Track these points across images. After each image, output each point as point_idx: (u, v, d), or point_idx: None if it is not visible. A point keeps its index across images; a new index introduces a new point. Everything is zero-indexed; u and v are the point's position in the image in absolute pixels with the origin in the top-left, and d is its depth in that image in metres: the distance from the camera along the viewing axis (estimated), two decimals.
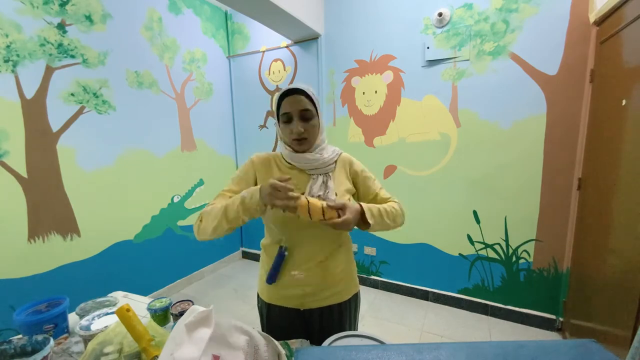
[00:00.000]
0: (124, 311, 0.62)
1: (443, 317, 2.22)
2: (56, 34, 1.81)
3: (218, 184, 3.07)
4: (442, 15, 2.07)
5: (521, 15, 1.89)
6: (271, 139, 3.04)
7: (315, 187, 0.89)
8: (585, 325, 1.67)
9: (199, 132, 2.83)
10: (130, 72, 2.22)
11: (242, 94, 3.13)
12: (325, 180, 0.91)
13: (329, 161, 0.93)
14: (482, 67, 2.04)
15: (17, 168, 1.69)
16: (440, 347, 0.41)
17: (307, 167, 0.92)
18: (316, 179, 0.91)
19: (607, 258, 1.46)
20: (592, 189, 1.69)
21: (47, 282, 1.81)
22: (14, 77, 1.66)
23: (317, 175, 0.92)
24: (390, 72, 2.34)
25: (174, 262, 2.65)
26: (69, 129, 1.90)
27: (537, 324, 2.07)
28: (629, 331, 1.18)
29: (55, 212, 1.85)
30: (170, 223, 2.60)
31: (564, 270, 1.97)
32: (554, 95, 1.87)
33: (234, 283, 2.84)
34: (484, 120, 2.08)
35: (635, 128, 1.28)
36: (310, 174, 0.92)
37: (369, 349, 0.42)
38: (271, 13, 2.14)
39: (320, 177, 0.91)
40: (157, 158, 2.46)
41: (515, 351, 0.39)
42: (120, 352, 0.63)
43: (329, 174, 0.93)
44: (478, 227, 2.20)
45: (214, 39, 2.95)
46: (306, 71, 2.71)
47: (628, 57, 1.37)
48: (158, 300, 0.97)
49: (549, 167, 1.94)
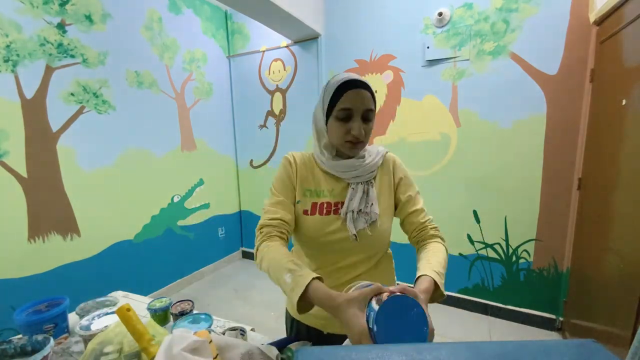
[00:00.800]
0: (124, 311, 0.62)
1: (443, 317, 2.22)
2: (56, 34, 1.81)
3: (218, 183, 3.07)
4: (442, 15, 2.07)
5: (521, 15, 1.89)
6: (271, 139, 3.04)
7: (355, 201, 0.77)
8: (585, 325, 1.67)
9: (199, 132, 2.83)
10: (130, 72, 2.22)
11: (242, 93, 3.13)
12: (366, 189, 0.79)
13: (373, 166, 0.80)
14: (482, 67, 2.04)
15: (17, 168, 1.69)
16: (440, 347, 0.41)
17: (346, 175, 0.79)
18: (356, 189, 0.78)
19: (607, 258, 1.46)
20: (592, 189, 1.69)
21: (47, 282, 1.81)
22: (14, 77, 1.66)
23: (357, 184, 0.79)
24: (390, 72, 2.34)
25: (174, 262, 2.65)
26: (68, 128, 1.90)
27: (537, 324, 2.07)
28: (629, 331, 1.18)
29: (55, 212, 1.85)
30: (170, 223, 2.60)
31: (564, 270, 1.97)
32: (554, 95, 1.87)
33: (234, 283, 2.84)
34: (484, 120, 2.07)
35: (635, 128, 1.28)
36: (349, 182, 0.80)
37: (369, 349, 0.42)
38: (271, 13, 2.13)
39: (360, 187, 0.78)
40: (157, 158, 2.46)
41: (516, 351, 0.39)
42: (120, 351, 0.63)
43: (371, 181, 0.80)
44: (478, 227, 2.20)
45: (214, 39, 2.95)
46: (306, 71, 2.71)
47: (628, 56, 1.37)
48: (158, 300, 0.97)
49: (549, 167, 1.94)
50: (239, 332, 0.81)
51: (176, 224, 2.66)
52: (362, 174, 0.79)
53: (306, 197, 0.80)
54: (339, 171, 0.79)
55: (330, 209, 0.78)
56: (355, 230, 0.75)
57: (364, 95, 0.73)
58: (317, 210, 0.78)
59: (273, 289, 3.09)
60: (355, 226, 0.75)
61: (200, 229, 2.89)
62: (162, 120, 2.48)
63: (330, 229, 0.76)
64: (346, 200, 0.77)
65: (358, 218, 0.76)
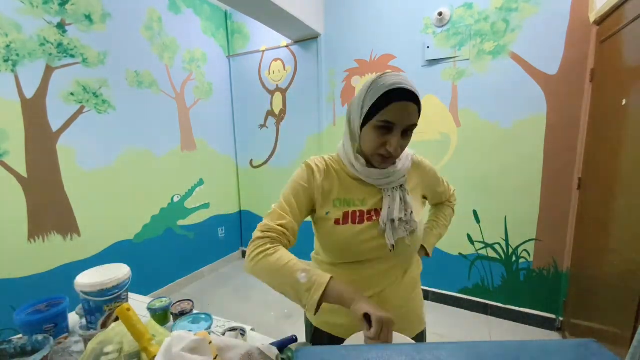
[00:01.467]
0: (124, 310, 0.62)
1: (443, 317, 2.22)
2: (56, 34, 1.81)
3: (218, 183, 3.07)
4: (442, 15, 2.07)
5: (521, 15, 1.89)
6: (271, 138, 3.04)
7: (395, 210, 0.72)
8: (585, 325, 1.67)
9: (199, 131, 2.83)
10: (130, 72, 2.22)
11: (242, 93, 3.13)
12: (402, 196, 0.74)
13: (405, 171, 0.77)
14: (482, 67, 2.03)
15: (17, 168, 1.69)
16: (440, 347, 0.41)
17: (379, 182, 0.75)
18: (393, 197, 0.74)
19: (607, 258, 1.46)
20: (592, 189, 1.69)
21: (47, 282, 1.81)
22: (14, 77, 1.66)
23: (391, 190, 0.75)
24: None
25: (174, 262, 2.65)
26: (68, 128, 1.90)
27: (537, 324, 2.07)
28: (629, 331, 1.18)
29: (55, 211, 1.85)
30: (170, 223, 2.60)
31: (564, 269, 1.97)
32: (554, 95, 1.87)
33: (234, 283, 2.84)
34: (484, 120, 2.07)
35: (635, 128, 1.28)
36: (381, 188, 0.75)
37: (369, 349, 0.42)
38: (271, 12, 2.13)
39: (396, 194, 0.74)
40: (157, 158, 2.46)
41: (515, 351, 0.39)
42: (121, 351, 0.63)
43: (404, 187, 0.76)
44: (478, 227, 2.20)
45: (214, 39, 2.95)
46: (306, 71, 2.71)
47: (628, 56, 1.36)
48: (158, 299, 0.97)
49: (549, 167, 1.94)
50: (239, 332, 0.80)
51: (176, 224, 2.66)
52: (395, 179, 0.75)
53: (336, 207, 0.75)
54: (371, 177, 0.75)
55: (364, 218, 0.74)
56: (394, 240, 0.72)
57: (411, 110, 0.66)
58: (350, 219, 0.74)
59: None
60: (395, 235, 0.72)
61: (200, 229, 2.89)
62: (162, 120, 2.48)
63: (364, 237, 0.72)
64: (384, 208, 0.73)
65: (398, 227, 0.72)
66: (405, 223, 0.73)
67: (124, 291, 0.83)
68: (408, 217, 0.73)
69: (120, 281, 0.80)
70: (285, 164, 3.00)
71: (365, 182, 0.76)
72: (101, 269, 0.83)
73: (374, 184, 0.75)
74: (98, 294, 0.76)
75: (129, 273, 0.84)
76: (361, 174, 0.75)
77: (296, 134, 2.88)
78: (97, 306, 0.77)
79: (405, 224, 0.73)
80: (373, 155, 0.71)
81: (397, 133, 0.67)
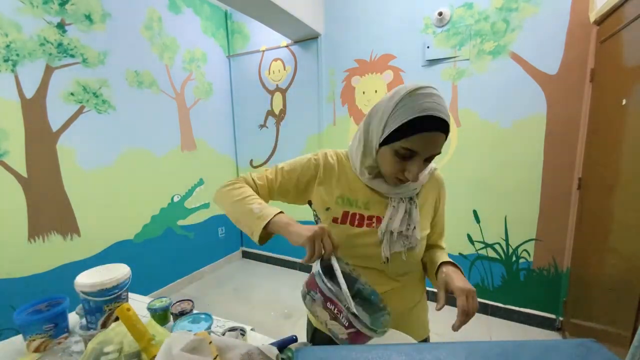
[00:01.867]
0: (124, 310, 0.62)
1: (443, 317, 2.21)
2: (56, 34, 1.81)
3: (218, 183, 3.06)
4: (442, 15, 2.07)
5: (521, 15, 1.89)
6: (271, 138, 3.04)
7: (396, 221, 0.67)
8: (585, 324, 1.67)
9: (199, 131, 2.83)
10: (130, 72, 2.22)
11: (242, 93, 3.13)
12: (408, 208, 0.69)
13: (418, 185, 0.71)
14: (482, 67, 2.03)
15: (17, 168, 1.69)
16: (440, 347, 0.41)
17: (388, 191, 0.71)
18: (397, 208, 0.69)
19: (607, 258, 1.46)
20: (592, 189, 1.69)
21: (47, 281, 1.81)
22: (14, 77, 1.66)
23: (398, 200, 0.70)
24: (390, 72, 2.34)
25: (174, 262, 2.65)
26: (68, 128, 1.89)
27: (537, 324, 2.08)
28: (629, 331, 1.18)
29: (55, 211, 1.85)
30: (170, 223, 2.60)
31: (564, 269, 1.97)
32: (554, 95, 1.87)
33: (234, 283, 2.84)
34: (484, 120, 2.07)
35: (635, 128, 1.28)
36: (390, 197, 0.71)
37: (369, 349, 0.42)
38: (271, 12, 2.13)
39: (402, 205, 0.69)
40: (157, 158, 2.46)
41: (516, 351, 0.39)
42: (121, 351, 0.63)
43: (414, 199, 0.71)
44: (478, 227, 2.20)
45: (214, 39, 2.95)
46: (306, 71, 2.71)
47: (628, 56, 1.36)
48: (158, 299, 0.97)
49: (549, 167, 1.94)
50: (239, 332, 0.80)
51: (176, 224, 2.66)
52: (405, 191, 0.70)
53: (338, 204, 0.73)
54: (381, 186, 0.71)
55: (363, 222, 0.71)
56: (389, 252, 0.68)
57: (438, 141, 0.60)
58: (349, 220, 0.71)
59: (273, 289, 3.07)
60: (391, 248, 0.68)
61: (200, 229, 2.89)
62: (162, 120, 2.48)
63: (360, 242, 0.70)
64: (385, 218, 0.68)
65: (397, 240, 0.68)
66: (405, 237, 0.68)
67: (124, 291, 0.83)
68: (409, 232, 0.68)
69: (120, 281, 0.80)
70: None
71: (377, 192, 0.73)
72: (101, 269, 0.83)
73: (383, 191, 0.72)
74: (98, 294, 0.76)
75: (129, 273, 0.84)
76: (371, 183, 0.72)
77: (296, 134, 2.88)
78: (97, 306, 0.77)
79: (405, 239, 0.68)
80: (390, 177, 0.67)
81: (419, 161, 0.62)
